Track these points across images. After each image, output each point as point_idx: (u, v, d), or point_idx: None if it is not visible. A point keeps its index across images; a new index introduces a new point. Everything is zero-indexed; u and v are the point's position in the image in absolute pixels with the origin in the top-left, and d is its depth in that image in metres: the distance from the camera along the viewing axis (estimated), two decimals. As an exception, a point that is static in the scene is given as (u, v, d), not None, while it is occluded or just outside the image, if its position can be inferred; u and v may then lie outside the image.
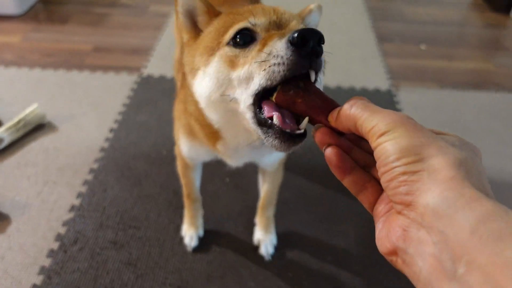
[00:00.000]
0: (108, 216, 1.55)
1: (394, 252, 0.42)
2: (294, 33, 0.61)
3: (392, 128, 0.43)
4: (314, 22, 0.94)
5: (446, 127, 2.01)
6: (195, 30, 0.89)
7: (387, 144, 0.43)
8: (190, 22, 0.89)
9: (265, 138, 0.65)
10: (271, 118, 0.63)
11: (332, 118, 0.53)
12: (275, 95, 0.62)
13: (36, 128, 1.91)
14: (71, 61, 2.43)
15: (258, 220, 1.48)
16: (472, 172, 0.40)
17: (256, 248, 1.46)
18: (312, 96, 0.57)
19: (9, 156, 1.78)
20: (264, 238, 1.46)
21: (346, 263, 1.43)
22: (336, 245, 1.49)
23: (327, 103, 0.55)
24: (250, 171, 1.68)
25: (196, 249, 1.45)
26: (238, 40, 0.74)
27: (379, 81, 2.33)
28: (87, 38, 2.66)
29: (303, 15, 0.90)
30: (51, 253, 1.42)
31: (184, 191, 1.45)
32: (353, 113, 0.48)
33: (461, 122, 2.08)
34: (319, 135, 0.54)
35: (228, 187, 1.69)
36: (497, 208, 0.36)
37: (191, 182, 1.42)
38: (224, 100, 0.77)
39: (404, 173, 0.41)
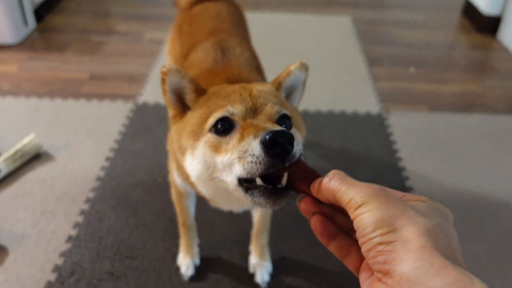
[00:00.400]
0: (104, 246, 1.57)
1: None
2: (266, 135, 0.68)
3: (367, 201, 0.48)
4: (298, 80, 1.00)
5: (436, 149, 2.06)
6: (181, 106, 0.96)
7: (364, 216, 0.48)
8: (176, 99, 0.96)
9: (251, 199, 0.72)
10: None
11: (313, 189, 0.58)
12: None
13: (33, 158, 1.94)
14: (68, 89, 2.47)
15: (253, 248, 1.51)
16: (440, 240, 0.45)
17: (252, 275, 1.48)
18: (294, 168, 0.64)
19: (6, 187, 1.81)
20: (259, 266, 1.48)
21: (340, 289, 1.45)
22: (331, 270, 1.51)
23: (309, 174, 0.61)
24: (244, 198, 1.71)
25: (192, 278, 1.47)
26: (219, 127, 0.81)
27: (370, 104, 2.38)
28: (84, 66, 2.71)
29: (280, 78, 0.97)
30: (49, 285, 1.43)
31: (179, 219, 1.48)
32: (332, 186, 0.53)
33: (451, 144, 2.12)
34: (303, 205, 0.60)
35: (222, 214, 1.71)
36: (462, 276, 0.41)
37: (185, 209, 1.45)
38: (213, 179, 0.84)
39: (380, 244, 0.46)
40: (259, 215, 1.44)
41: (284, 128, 0.70)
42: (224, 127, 0.81)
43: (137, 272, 1.49)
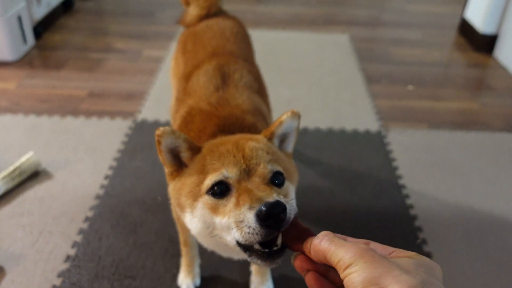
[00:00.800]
0: (103, 266, 1.55)
1: None
2: (260, 209, 0.73)
3: (354, 261, 0.51)
4: (290, 128, 1.04)
5: (435, 167, 2.06)
6: (178, 163, 0.99)
7: (352, 276, 0.50)
8: (172, 157, 0.98)
9: (250, 259, 0.80)
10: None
11: (306, 249, 0.62)
12: None
13: (31, 176, 1.92)
14: (66, 107, 2.46)
15: (254, 267, 1.49)
16: None
17: (253, 296, 1.46)
18: (289, 228, 0.70)
19: (4, 206, 1.79)
20: (260, 285, 1.46)
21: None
22: None
23: (302, 233, 0.65)
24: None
25: (193, 299, 1.45)
26: (215, 189, 0.86)
27: (369, 122, 2.39)
28: (82, 83, 2.71)
29: (272, 128, 1.01)
30: (46, 306, 1.41)
31: (180, 237, 1.46)
32: (322, 247, 0.57)
33: (449, 161, 2.13)
34: (298, 263, 0.63)
35: (223, 233, 1.69)
36: None
37: (186, 228, 1.42)
38: (214, 237, 0.90)
39: None
40: None
41: (277, 199, 0.74)
42: (220, 189, 0.86)
43: (136, 292, 1.46)
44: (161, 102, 2.51)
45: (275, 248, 0.74)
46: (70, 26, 3.52)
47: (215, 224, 0.87)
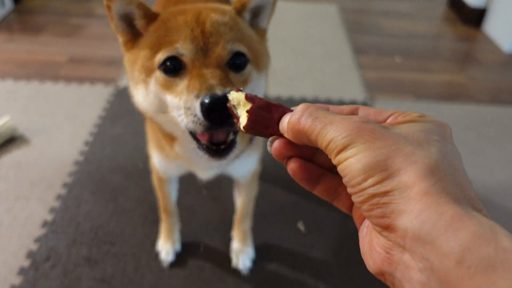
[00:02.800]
0: (82, 231, 1.52)
1: (381, 273, 0.39)
2: (204, 99, 0.70)
3: (350, 142, 0.39)
4: (266, 1, 0.91)
5: (421, 139, 2.05)
6: (132, 32, 0.89)
7: (349, 162, 0.38)
8: (126, 25, 0.89)
9: (198, 150, 0.79)
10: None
11: (283, 130, 0.46)
12: None
13: (7, 141, 1.86)
14: (45, 72, 2.38)
15: (235, 233, 1.47)
16: (446, 177, 0.36)
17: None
18: (256, 111, 0.49)
19: (-22, 171, 1.73)
20: (241, 252, 1.45)
21: (324, 276, 1.43)
22: (314, 258, 1.49)
23: (274, 112, 0.48)
24: (227, 184, 1.67)
25: (172, 264, 1.43)
26: (168, 65, 0.80)
27: (356, 93, 2.36)
28: (62, 49, 2.62)
29: (244, 0, 0.88)
30: (22, 271, 1.38)
31: (161, 204, 1.43)
32: (303, 127, 0.43)
33: (435, 133, 2.11)
34: (275, 149, 0.48)
35: (205, 199, 1.67)
36: (481, 229, 0.32)
37: (167, 195, 1.40)
38: (166, 115, 0.86)
39: (374, 196, 0.37)
40: (242, 200, 1.41)
41: (226, 93, 0.64)
42: (173, 65, 0.80)
43: (115, 258, 1.44)
44: (144, 69, 2.44)
45: (222, 147, 0.74)
46: (51, -10, 3.39)
47: (167, 101, 0.83)
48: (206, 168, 1.13)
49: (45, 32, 2.79)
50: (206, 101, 0.69)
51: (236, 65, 0.82)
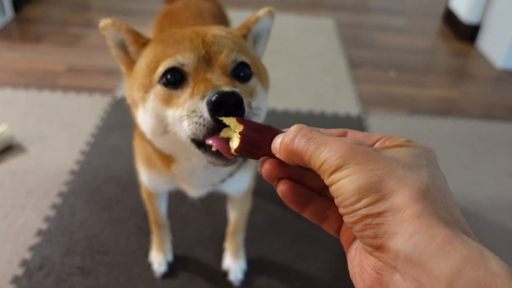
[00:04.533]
0: (76, 241, 1.53)
1: None
2: (212, 96, 0.63)
3: (343, 163, 0.39)
4: (264, 28, 0.93)
5: (413, 153, 2.08)
6: (130, 60, 0.90)
7: (342, 183, 0.39)
8: (123, 53, 0.89)
9: (204, 156, 0.70)
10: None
11: (275, 151, 0.47)
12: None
13: (5, 150, 1.88)
14: (44, 81, 2.41)
15: (228, 245, 1.49)
16: (437, 200, 0.38)
17: (225, 273, 1.46)
18: (248, 132, 0.50)
19: (-25, 178, 1.75)
20: (233, 264, 1.46)
21: (314, 288, 1.45)
22: (305, 270, 1.50)
23: (266, 134, 0.49)
24: (220, 196, 1.69)
25: (165, 275, 1.44)
26: (169, 78, 0.76)
27: (350, 106, 2.39)
28: (61, 58, 2.65)
29: (249, 24, 0.90)
30: (15, 279, 1.39)
31: (151, 217, 1.45)
32: (296, 148, 0.43)
33: (428, 147, 2.14)
34: (266, 170, 0.48)
35: (198, 211, 1.69)
36: (471, 253, 0.33)
37: (156, 209, 1.41)
38: (168, 133, 0.79)
39: (367, 216, 0.38)
40: (235, 215, 1.42)
41: (234, 89, 0.65)
42: (175, 78, 0.75)
43: (108, 267, 1.45)
44: (141, 79, 2.47)
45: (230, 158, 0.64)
46: (51, -1, 3.43)
47: (167, 118, 0.77)
48: (201, 186, 1.12)
49: (45, 41, 2.82)
50: (214, 98, 0.62)
51: (241, 76, 0.78)
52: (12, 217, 1.60)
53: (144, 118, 0.82)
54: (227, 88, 0.66)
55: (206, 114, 0.64)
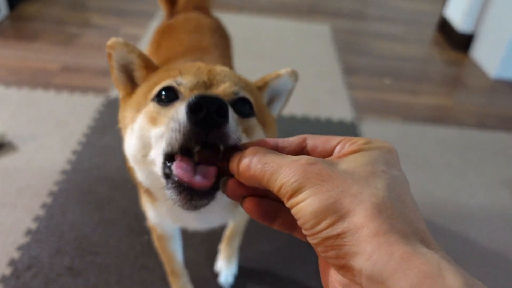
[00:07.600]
0: (66, 241, 1.52)
1: None
2: (191, 98, 0.53)
3: (299, 187, 0.40)
4: (284, 88, 0.86)
5: (407, 160, 2.09)
6: (131, 85, 0.83)
7: (300, 207, 0.39)
8: (126, 77, 0.83)
9: (166, 189, 0.56)
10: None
11: (234, 172, 0.47)
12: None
13: (-4, 148, 1.87)
14: (37, 79, 2.39)
15: (223, 249, 1.48)
16: (394, 214, 0.37)
17: (216, 276, 1.46)
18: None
19: (-35, 176, 1.73)
20: (225, 268, 1.46)
21: (305, 294, 1.44)
22: (295, 275, 1.50)
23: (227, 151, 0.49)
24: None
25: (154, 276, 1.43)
26: (162, 96, 0.68)
27: (344, 112, 2.40)
28: (56, 57, 2.63)
29: (267, 78, 0.83)
30: (3, 279, 1.37)
31: (166, 267, 1.32)
32: (253, 173, 0.44)
33: (419, 154, 2.15)
34: (229, 190, 0.49)
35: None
36: (429, 268, 0.34)
37: (170, 256, 1.27)
38: (146, 161, 0.68)
39: (327, 239, 0.38)
40: (234, 221, 1.40)
41: (221, 98, 0.54)
42: (168, 97, 0.67)
43: (98, 268, 1.44)
44: (136, 80, 2.46)
45: (201, 189, 0.52)
46: (47, -2, 3.41)
47: (151, 138, 0.65)
48: (202, 224, 1.02)
49: (40, 40, 2.80)
50: (192, 99, 0.52)
51: (240, 112, 0.66)
52: (2, 216, 1.59)
53: (129, 139, 0.74)
54: (211, 94, 0.60)
55: (182, 116, 0.54)
